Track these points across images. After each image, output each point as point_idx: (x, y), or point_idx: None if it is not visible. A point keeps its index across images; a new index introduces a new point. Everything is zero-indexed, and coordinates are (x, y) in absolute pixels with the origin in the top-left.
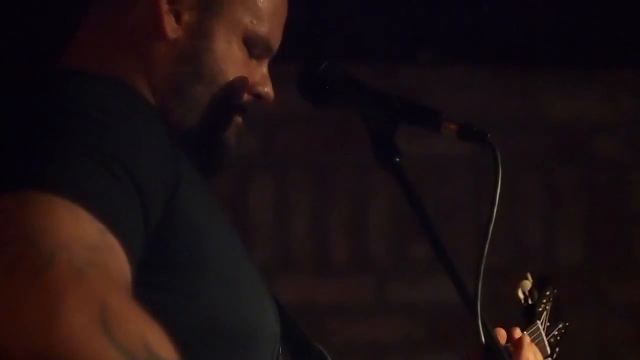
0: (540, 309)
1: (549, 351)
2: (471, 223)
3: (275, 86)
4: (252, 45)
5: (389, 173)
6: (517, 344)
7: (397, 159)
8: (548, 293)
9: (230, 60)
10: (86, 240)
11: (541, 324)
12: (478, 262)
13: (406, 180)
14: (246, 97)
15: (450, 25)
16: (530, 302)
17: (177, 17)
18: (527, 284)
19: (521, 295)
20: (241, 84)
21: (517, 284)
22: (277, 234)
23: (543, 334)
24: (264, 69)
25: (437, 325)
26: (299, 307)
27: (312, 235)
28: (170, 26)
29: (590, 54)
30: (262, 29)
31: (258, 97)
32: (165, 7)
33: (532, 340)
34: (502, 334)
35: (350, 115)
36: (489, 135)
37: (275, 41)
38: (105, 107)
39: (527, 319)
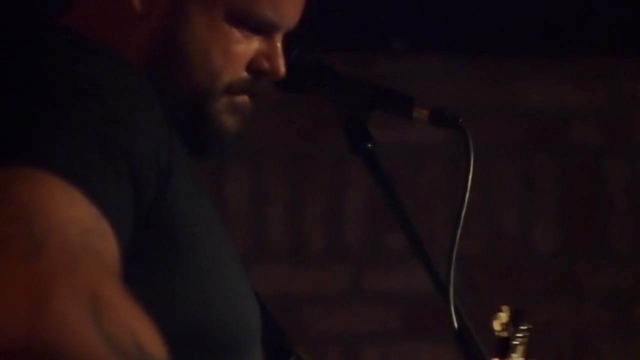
0: (516, 343)
1: None
2: (446, 212)
3: None
4: (244, 21)
5: (362, 160)
6: None
7: (369, 145)
8: (524, 328)
9: (213, 40)
10: (80, 224)
11: (517, 358)
12: (450, 247)
13: (379, 167)
14: (242, 76)
15: (425, 14)
16: (506, 334)
17: None
18: (503, 316)
19: (497, 327)
20: (228, 62)
21: (493, 316)
22: (253, 223)
23: None
24: (274, 45)
25: (414, 314)
26: (275, 297)
27: (288, 225)
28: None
29: (563, 41)
30: (250, 3)
31: (262, 73)
32: None
33: None
34: None
35: (325, 103)
36: (460, 120)
37: (279, 15)
38: (110, 86)
39: (502, 351)
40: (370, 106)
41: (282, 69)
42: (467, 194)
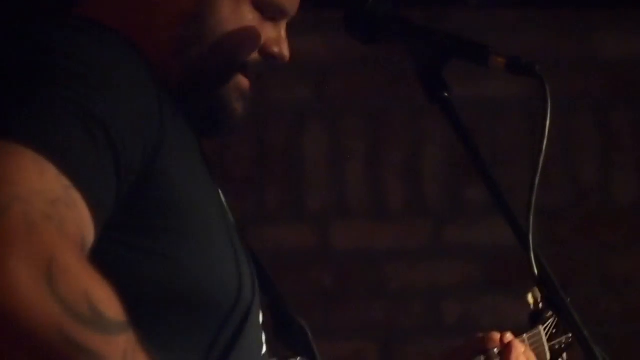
0: (548, 315)
1: (548, 357)
2: (525, 165)
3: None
4: (263, 8)
5: (439, 109)
6: (506, 350)
7: (446, 94)
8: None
9: (237, 22)
10: (47, 194)
11: (545, 329)
12: (529, 194)
13: (457, 116)
14: (255, 57)
15: None
16: (539, 307)
17: None
18: (538, 291)
19: (530, 300)
20: (248, 43)
21: (527, 290)
22: (332, 180)
23: (544, 339)
24: (280, 31)
25: (494, 267)
26: (356, 253)
27: (367, 181)
28: None
29: None
30: None
31: (271, 57)
32: None
33: (531, 345)
34: (494, 338)
35: (401, 58)
36: (537, 67)
37: (290, 4)
38: (91, 59)
39: (531, 323)
40: (446, 54)
41: (287, 54)
42: (545, 141)
